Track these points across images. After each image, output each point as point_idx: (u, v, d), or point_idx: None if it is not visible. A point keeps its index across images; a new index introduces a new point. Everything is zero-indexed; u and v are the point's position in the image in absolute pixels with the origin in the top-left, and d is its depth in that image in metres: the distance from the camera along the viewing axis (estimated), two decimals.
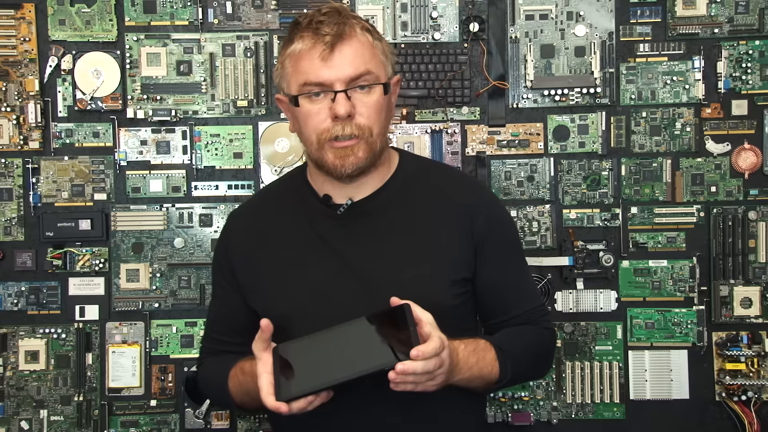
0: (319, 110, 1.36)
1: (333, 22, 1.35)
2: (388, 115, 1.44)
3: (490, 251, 1.48)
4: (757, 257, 2.18)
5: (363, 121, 1.36)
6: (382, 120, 1.40)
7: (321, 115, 1.36)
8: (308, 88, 1.36)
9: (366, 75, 1.36)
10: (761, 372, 2.16)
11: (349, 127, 1.35)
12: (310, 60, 1.35)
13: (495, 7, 2.18)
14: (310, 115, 1.37)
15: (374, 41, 1.40)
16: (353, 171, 1.38)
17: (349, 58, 1.35)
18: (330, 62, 1.34)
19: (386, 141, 1.46)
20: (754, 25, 2.16)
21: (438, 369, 1.23)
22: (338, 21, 1.35)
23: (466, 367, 1.35)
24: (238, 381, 1.44)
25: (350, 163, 1.37)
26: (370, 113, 1.37)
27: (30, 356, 2.18)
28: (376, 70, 1.38)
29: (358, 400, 1.38)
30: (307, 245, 1.46)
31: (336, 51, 1.34)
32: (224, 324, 1.56)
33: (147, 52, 2.17)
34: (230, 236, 1.56)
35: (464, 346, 1.35)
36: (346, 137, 1.36)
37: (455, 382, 1.34)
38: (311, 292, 1.42)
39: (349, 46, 1.35)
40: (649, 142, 2.19)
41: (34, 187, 2.18)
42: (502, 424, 2.18)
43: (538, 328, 1.54)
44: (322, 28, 1.34)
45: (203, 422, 2.17)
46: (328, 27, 1.34)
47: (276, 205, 1.55)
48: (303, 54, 1.36)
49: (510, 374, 1.42)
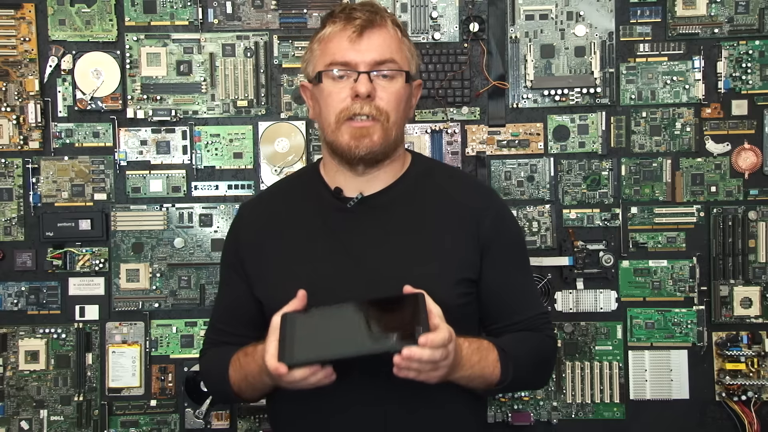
0: (340, 90, 1.40)
1: (366, 10, 1.42)
2: (406, 108, 1.48)
3: (496, 255, 1.49)
4: (757, 257, 2.18)
5: (382, 104, 1.40)
6: (401, 111, 1.44)
7: (342, 94, 1.40)
8: (333, 66, 1.41)
9: (390, 63, 1.41)
10: (761, 372, 2.16)
11: (367, 107, 1.39)
12: (338, 41, 1.41)
13: (495, 7, 2.18)
14: (331, 95, 1.41)
15: (402, 37, 1.47)
16: (366, 153, 1.41)
17: (377, 43, 1.40)
18: (357, 45, 1.40)
19: (402, 135, 1.50)
20: (754, 25, 2.17)
21: (443, 360, 1.24)
22: (371, 10, 1.42)
23: (468, 365, 1.35)
24: (239, 364, 1.44)
25: (365, 145, 1.40)
26: (390, 99, 1.41)
27: (30, 356, 2.18)
28: (401, 60, 1.43)
29: (357, 398, 1.38)
30: (316, 236, 1.47)
31: (365, 36, 1.40)
32: (230, 314, 1.57)
33: (147, 52, 2.17)
34: (240, 225, 1.58)
35: (468, 343, 1.36)
36: (363, 116, 1.39)
37: (456, 378, 1.34)
38: (316, 282, 1.42)
39: (378, 34, 1.41)
40: (649, 142, 2.19)
41: (34, 187, 2.18)
42: (502, 424, 2.18)
43: (540, 335, 1.54)
44: (355, 14, 1.41)
45: (203, 422, 2.17)
46: (361, 13, 1.41)
47: (287, 196, 1.57)
48: (333, 36, 1.42)
49: (511, 377, 1.42)
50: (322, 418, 1.43)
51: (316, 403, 1.38)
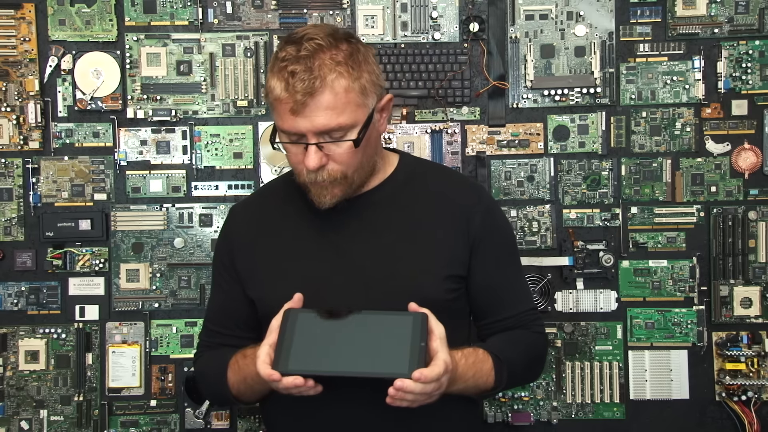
0: (296, 152, 1.40)
1: (304, 77, 1.32)
2: (368, 149, 1.43)
3: (485, 252, 1.50)
4: (757, 257, 2.18)
5: (335, 167, 1.39)
6: (359, 159, 1.41)
7: (298, 157, 1.40)
8: (283, 133, 1.39)
9: (336, 130, 1.36)
10: (761, 372, 2.16)
11: (320, 175, 1.39)
12: (284, 109, 1.35)
13: (495, 7, 2.18)
14: (290, 153, 1.42)
15: (352, 83, 1.35)
16: (332, 205, 1.43)
17: (321, 111, 1.34)
18: (302, 115, 1.34)
19: (374, 161, 1.47)
20: (754, 25, 2.16)
21: (435, 391, 1.27)
22: (310, 76, 1.32)
23: (462, 380, 1.37)
24: (238, 367, 1.45)
25: (328, 200, 1.42)
26: (343, 159, 1.39)
27: (30, 356, 2.18)
28: (348, 120, 1.36)
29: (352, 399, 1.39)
30: (305, 236, 1.49)
31: (308, 105, 1.33)
32: (223, 315, 1.57)
33: (147, 52, 2.17)
34: (231, 226, 1.59)
35: (465, 359, 1.37)
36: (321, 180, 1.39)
37: (450, 392, 1.36)
38: (306, 282, 1.43)
39: (320, 99, 1.33)
40: (649, 142, 2.19)
41: (34, 187, 2.17)
42: (501, 424, 2.18)
43: (531, 333, 1.56)
44: (295, 84, 1.32)
45: (203, 422, 2.17)
46: (300, 83, 1.32)
47: (277, 197, 1.58)
48: (278, 101, 1.36)
49: (504, 383, 1.45)
50: (315, 420, 1.44)
51: (311, 403, 1.39)
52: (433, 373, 1.23)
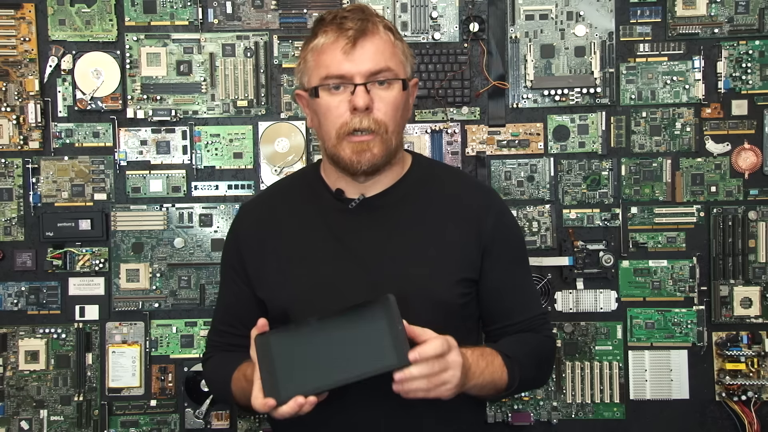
0: (338, 103, 1.39)
1: (356, 18, 1.39)
2: (404, 114, 1.46)
3: (498, 255, 1.49)
4: (757, 257, 2.18)
5: (380, 116, 1.39)
6: (398, 118, 1.43)
7: (340, 108, 1.39)
8: (329, 80, 1.39)
9: (385, 71, 1.39)
10: (761, 372, 2.16)
11: (366, 121, 1.38)
12: (332, 53, 1.38)
13: (495, 7, 2.18)
14: (329, 108, 1.40)
15: (395, 41, 1.43)
16: (369, 167, 1.41)
17: (371, 53, 1.38)
18: (351, 56, 1.37)
19: (401, 140, 1.49)
20: (754, 25, 2.16)
21: (445, 372, 1.23)
22: (362, 17, 1.39)
23: (479, 371, 1.34)
24: (241, 386, 1.43)
25: (366, 159, 1.40)
26: (387, 109, 1.40)
27: (30, 356, 2.18)
28: (396, 67, 1.41)
29: (357, 399, 1.38)
30: (317, 237, 1.47)
31: (358, 46, 1.37)
32: (231, 315, 1.56)
33: (147, 52, 2.17)
34: (241, 226, 1.58)
35: (471, 351, 1.35)
36: (363, 131, 1.38)
37: (469, 388, 1.33)
38: (318, 283, 1.42)
39: (370, 42, 1.39)
40: (649, 142, 2.19)
41: (34, 187, 2.17)
42: (502, 424, 2.18)
43: (540, 336, 1.55)
44: (346, 23, 1.38)
45: (203, 422, 2.17)
46: (352, 22, 1.38)
47: (287, 197, 1.56)
48: (325, 48, 1.39)
49: (518, 380, 1.43)
50: (321, 418, 1.43)
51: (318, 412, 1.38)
52: (429, 349, 1.20)
